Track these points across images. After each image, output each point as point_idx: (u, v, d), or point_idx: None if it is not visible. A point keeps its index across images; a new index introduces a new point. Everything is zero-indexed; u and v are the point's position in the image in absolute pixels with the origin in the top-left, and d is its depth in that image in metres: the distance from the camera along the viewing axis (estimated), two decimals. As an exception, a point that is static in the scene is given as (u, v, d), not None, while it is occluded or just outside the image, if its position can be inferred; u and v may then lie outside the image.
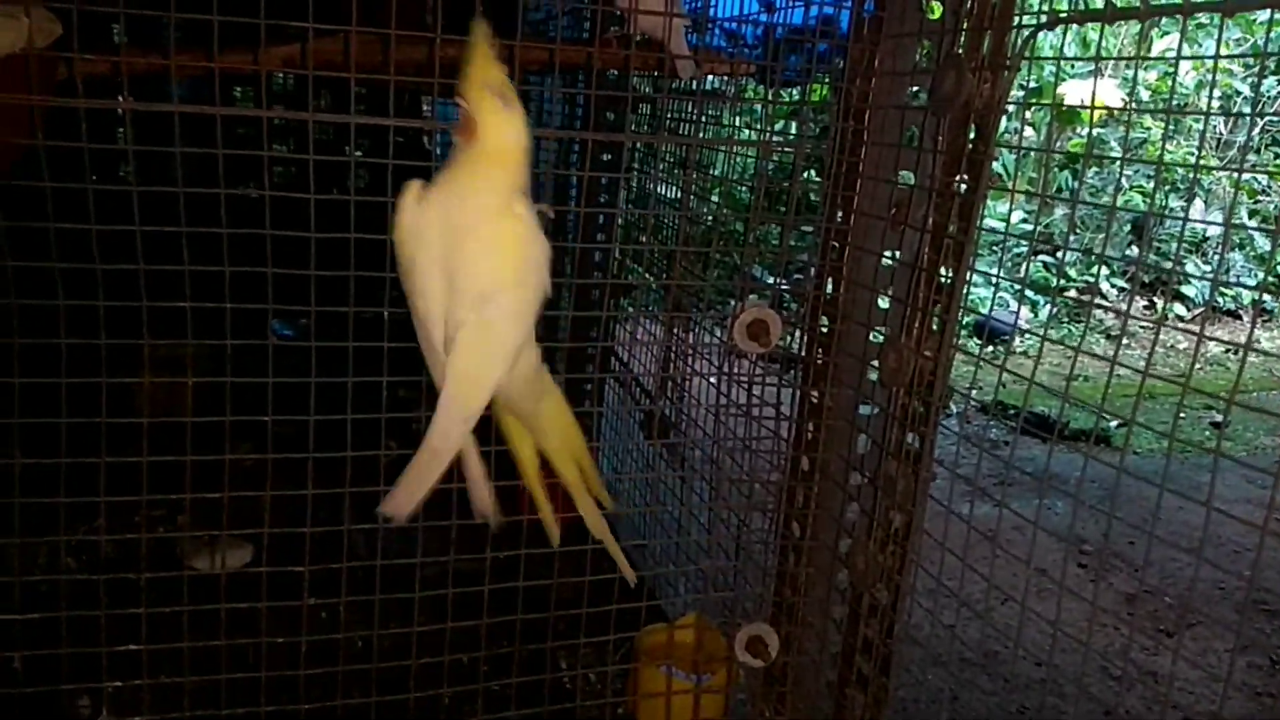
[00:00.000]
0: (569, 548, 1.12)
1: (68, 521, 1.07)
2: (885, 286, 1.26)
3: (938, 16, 1.17)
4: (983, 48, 1.06)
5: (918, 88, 1.26)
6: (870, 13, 1.27)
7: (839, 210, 1.33)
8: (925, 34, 1.20)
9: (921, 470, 1.16)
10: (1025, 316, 5.56)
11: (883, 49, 1.26)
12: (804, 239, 1.58)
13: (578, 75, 1.94)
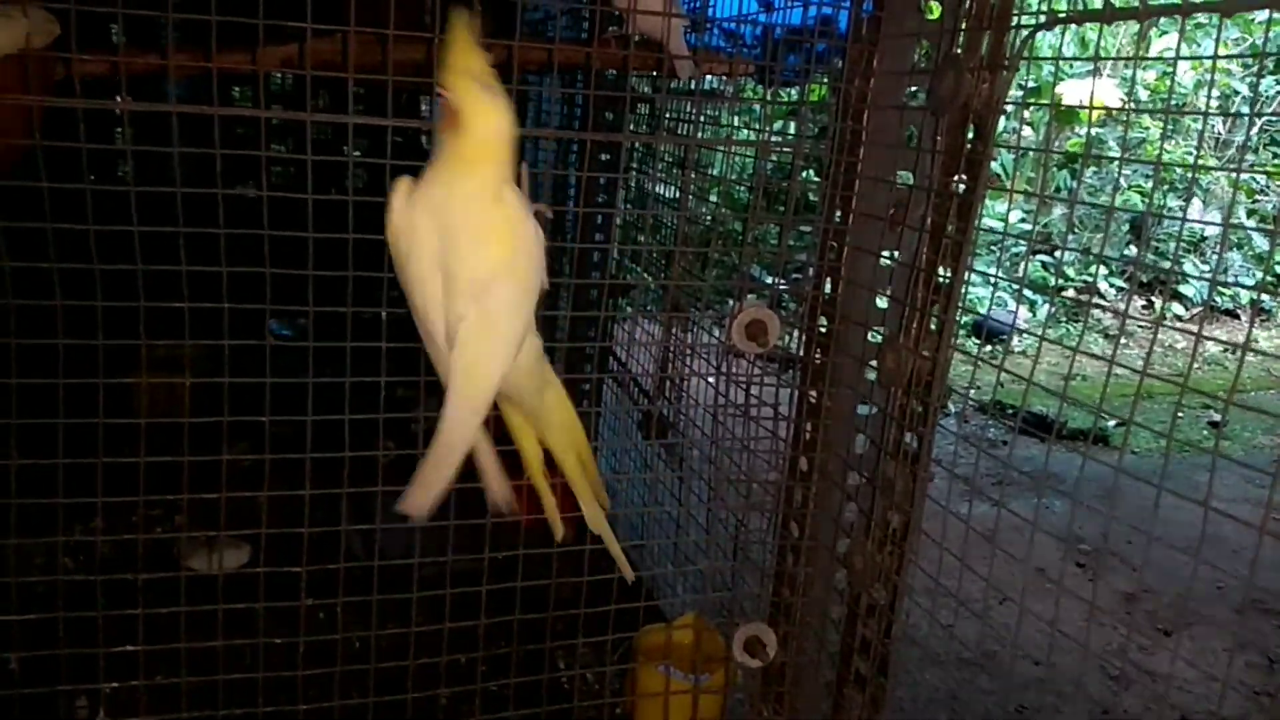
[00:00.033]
0: (568, 548, 1.12)
1: (65, 522, 1.07)
2: (883, 286, 1.26)
3: (936, 16, 1.17)
4: (981, 48, 1.06)
5: (916, 88, 1.26)
6: (869, 13, 1.27)
7: (837, 210, 1.33)
8: (924, 34, 1.21)
9: (920, 470, 1.16)
10: (1023, 316, 5.56)
11: (881, 49, 1.26)
12: (802, 239, 1.58)
13: (576, 75, 1.94)
